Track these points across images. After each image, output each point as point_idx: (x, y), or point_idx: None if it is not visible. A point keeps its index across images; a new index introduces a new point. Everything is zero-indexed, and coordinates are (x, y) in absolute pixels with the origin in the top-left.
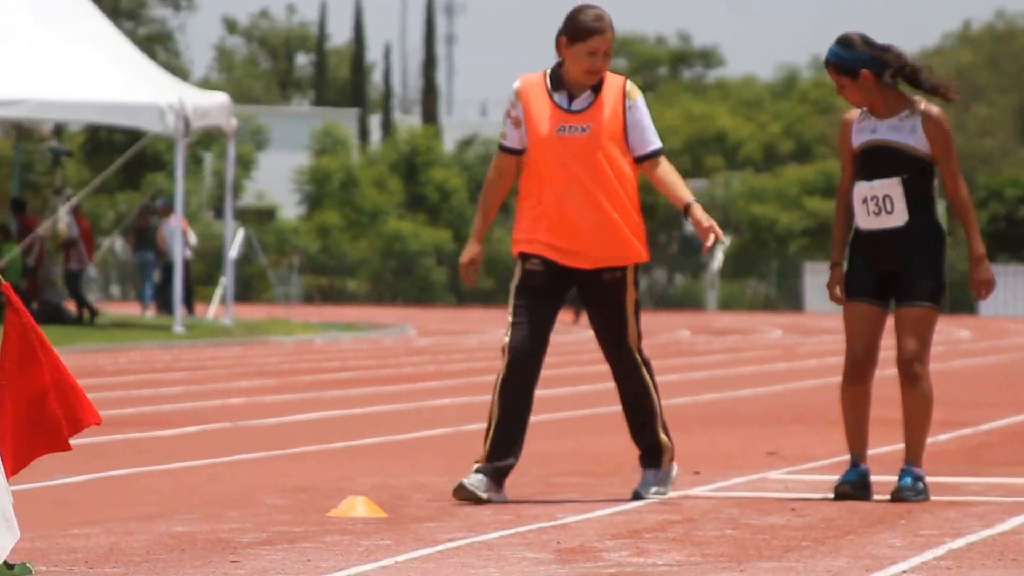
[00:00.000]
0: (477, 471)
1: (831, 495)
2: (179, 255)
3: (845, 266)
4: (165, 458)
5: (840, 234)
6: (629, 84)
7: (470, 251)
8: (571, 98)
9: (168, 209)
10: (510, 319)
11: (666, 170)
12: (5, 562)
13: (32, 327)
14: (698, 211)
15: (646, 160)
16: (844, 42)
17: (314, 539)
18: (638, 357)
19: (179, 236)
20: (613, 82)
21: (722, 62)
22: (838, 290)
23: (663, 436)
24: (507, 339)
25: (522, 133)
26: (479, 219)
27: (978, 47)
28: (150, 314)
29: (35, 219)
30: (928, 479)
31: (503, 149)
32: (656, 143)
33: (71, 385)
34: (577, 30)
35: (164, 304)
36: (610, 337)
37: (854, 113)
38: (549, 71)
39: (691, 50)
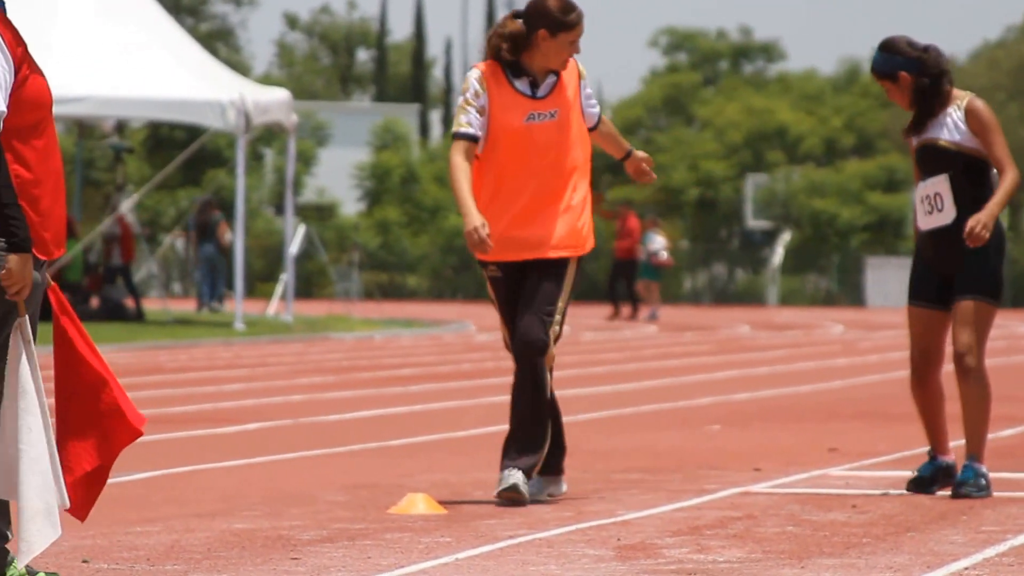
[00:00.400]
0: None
1: (892, 491)
2: (240, 251)
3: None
4: (226, 455)
5: (915, 234)
6: (579, 63)
7: (475, 218)
8: (534, 84)
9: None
10: (501, 325)
11: (609, 126)
12: (28, 568)
13: (72, 329)
14: (639, 152)
15: (598, 126)
16: (885, 46)
17: (374, 536)
18: (548, 356)
19: (240, 231)
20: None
21: (783, 56)
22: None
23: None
24: (510, 342)
25: (485, 122)
26: (468, 195)
27: None
28: (215, 304)
29: (71, 217)
30: (991, 475)
31: (469, 138)
32: (598, 107)
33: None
34: (559, 22)
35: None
36: (533, 316)
37: None
38: (500, 59)
39: (752, 44)
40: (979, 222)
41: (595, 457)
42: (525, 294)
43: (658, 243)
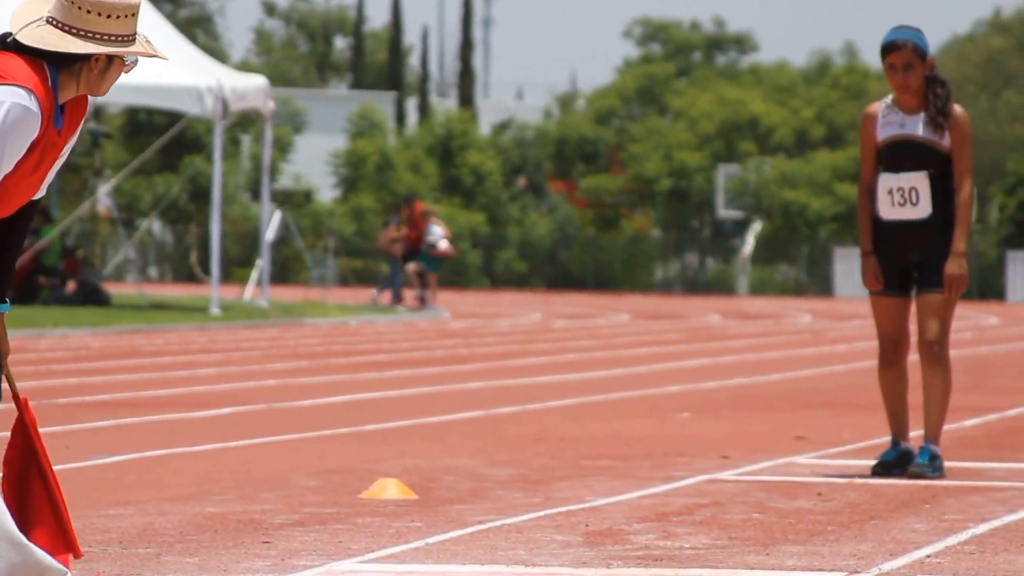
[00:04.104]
0: None
1: (857, 479)
2: (216, 237)
3: None
4: (199, 439)
5: (867, 224)
6: None
7: None
8: None
9: None
10: None
11: None
12: None
13: (32, 452)
14: None
15: None
16: (913, 28)
17: (345, 521)
18: None
19: (216, 217)
20: None
21: (756, 48)
22: (873, 277)
23: None
24: None
25: None
26: None
27: (1009, 33)
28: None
29: (45, 204)
30: (953, 464)
31: None
32: None
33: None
34: None
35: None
36: None
37: (876, 107)
38: None
39: (725, 35)
40: (952, 273)
41: (564, 444)
42: None
43: (436, 234)
